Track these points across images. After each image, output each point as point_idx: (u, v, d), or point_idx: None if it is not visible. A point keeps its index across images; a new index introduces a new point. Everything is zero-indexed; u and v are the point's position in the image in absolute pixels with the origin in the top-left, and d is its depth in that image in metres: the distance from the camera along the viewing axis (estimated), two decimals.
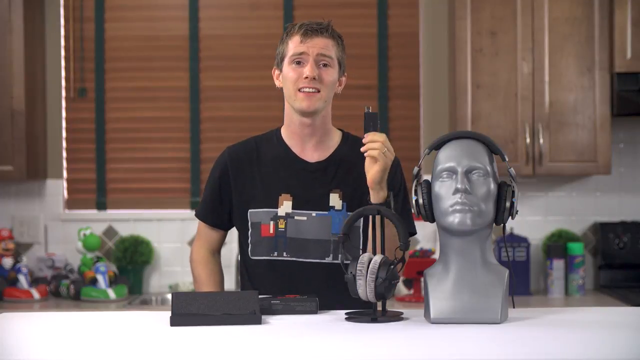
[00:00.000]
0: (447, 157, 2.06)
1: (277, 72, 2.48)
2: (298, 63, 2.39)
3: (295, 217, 2.42)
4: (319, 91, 2.38)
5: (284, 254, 2.42)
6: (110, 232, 4.26)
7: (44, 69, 4.25)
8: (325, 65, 2.39)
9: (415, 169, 2.13)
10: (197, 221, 2.59)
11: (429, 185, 2.09)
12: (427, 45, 4.26)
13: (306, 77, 2.36)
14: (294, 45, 2.40)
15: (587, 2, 3.93)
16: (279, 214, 2.42)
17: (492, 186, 2.05)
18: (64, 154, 4.29)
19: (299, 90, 2.38)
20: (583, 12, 3.93)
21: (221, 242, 2.58)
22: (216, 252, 2.58)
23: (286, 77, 2.41)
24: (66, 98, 4.28)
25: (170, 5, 4.31)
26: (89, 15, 4.28)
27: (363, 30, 4.27)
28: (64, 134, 4.29)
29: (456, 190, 2.02)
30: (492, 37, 3.94)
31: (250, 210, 2.45)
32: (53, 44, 4.26)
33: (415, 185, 2.10)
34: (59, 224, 4.26)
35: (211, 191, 2.52)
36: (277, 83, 2.48)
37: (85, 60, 4.29)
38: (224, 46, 4.29)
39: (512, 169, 2.09)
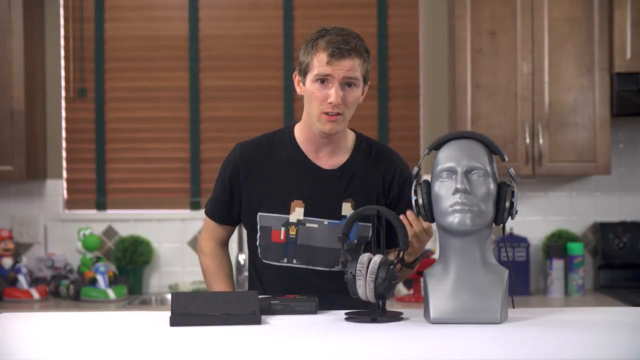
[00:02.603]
0: (446, 157, 2.06)
1: (298, 78, 2.41)
2: (322, 82, 2.33)
3: (307, 225, 2.40)
4: (341, 114, 2.34)
5: (294, 260, 2.41)
6: (110, 232, 4.26)
7: (43, 69, 4.24)
8: (349, 85, 2.34)
9: (415, 169, 2.13)
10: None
11: (428, 185, 2.09)
12: (427, 45, 4.26)
13: (330, 102, 2.32)
14: (319, 63, 2.33)
15: (587, 3, 3.93)
16: (290, 221, 2.41)
17: (492, 186, 2.05)
18: (64, 154, 4.29)
19: (323, 113, 2.34)
20: (583, 12, 3.93)
21: (229, 235, 2.58)
22: (224, 244, 2.58)
23: (310, 95, 2.36)
24: (66, 98, 4.28)
25: (170, 5, 4.31)
26: (88, 15, 4.28)
27: (363, 30, 4.21)
28: (63, 134, 4.29)
29: (456, 191, 2.02)
30: (491, 37, 3.94)
31: (259, 214, 2.43)
32: (53, 44, 4.26)
33: (415, 186, 2.10)
34: (58, 224, 4.26)
35: (221, 189, 2.50)
36: (298, 90, 2.42)
37: (85, 61, 4.29)
38: (223, 46, 4.29)
39: (511, 169, 2.09)
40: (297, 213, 2.40)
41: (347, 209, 2.41)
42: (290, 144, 2.46)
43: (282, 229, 2.41)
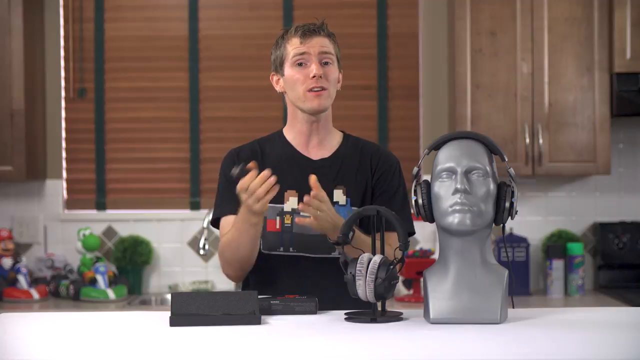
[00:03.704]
0: (446, 157, 2.06)
1: (275, 77, 2.49)
2: (300, 64, 2.41)
3: (301, 213, 2.42)
4: (325, 89, 2.41)
5: (290, 249, 2.43)
6: (109, 232, 4.26)
7: (43, 69, 4.24)
8: (326, 63, 2.42)
9: (415, 169, 2.13)
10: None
11: (428, 185, 2.09)
12: (427, 46, 4.26)
13: (313, 77, 2.38)
14: (293, 47, 2.42)
15: (587, 2, 3.93)
16: (284, 210, 2.43)
17: (492, 186, 2.05)
18: (64, 154, 4.29)
19: (308, 91, 2.40)
20: (583, 12, 3.93)
21: None
22: None
23: (291, 79, 2.42)
24: (65, 98, 4.28)
25: (170, 6, 4.31)
26: (88, 15, 4.28)
27: (363, 30, 4.27)
28: (63, 134, 4.29)
29: (456, 191, 2.02)
30: (491, 37, 3.94)
31: None
32: (52, 44, 4.26)
33: (415, 186, 2.10)
34: (58, 224, 4.26)
35: (224, 187, 2.49)
36: (278, 88, 2.50)
37: (85, 61, 4.29)
38: (223, 46, 4.29)
39: (511, 169, 2.09)
40: (291, 202, 2.43)
41: (338, 195, 2.44)
42: (280, 143, 2.51)
43: (277, 218, 2.43)
